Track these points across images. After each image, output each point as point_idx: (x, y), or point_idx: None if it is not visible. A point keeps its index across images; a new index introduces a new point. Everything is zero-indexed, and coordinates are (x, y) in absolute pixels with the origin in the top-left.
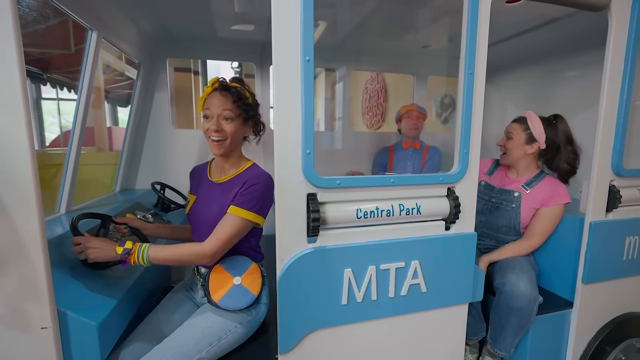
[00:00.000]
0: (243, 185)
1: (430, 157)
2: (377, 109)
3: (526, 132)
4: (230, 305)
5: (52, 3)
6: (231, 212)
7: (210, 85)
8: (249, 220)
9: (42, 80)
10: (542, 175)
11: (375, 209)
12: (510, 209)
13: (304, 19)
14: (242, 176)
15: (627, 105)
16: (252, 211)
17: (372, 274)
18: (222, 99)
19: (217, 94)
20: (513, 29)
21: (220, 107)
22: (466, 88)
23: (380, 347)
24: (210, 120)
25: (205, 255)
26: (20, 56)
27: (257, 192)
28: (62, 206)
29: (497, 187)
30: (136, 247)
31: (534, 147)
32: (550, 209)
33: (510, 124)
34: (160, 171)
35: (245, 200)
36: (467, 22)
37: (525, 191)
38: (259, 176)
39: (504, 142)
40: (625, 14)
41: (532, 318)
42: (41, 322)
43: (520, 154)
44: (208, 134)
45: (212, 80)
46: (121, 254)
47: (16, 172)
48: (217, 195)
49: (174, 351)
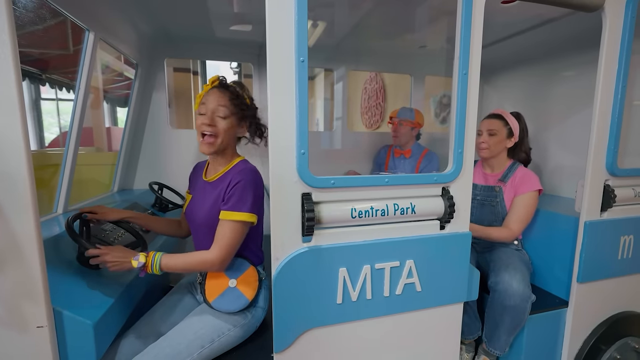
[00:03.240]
0: (228, 185)
1: (425, 165)
2: (375, 108)
3: (506, 127)
4: (224, 307)
5: (48, 4)
6: (223, 217)
7: (210, 83)
8: (242, 220)
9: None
10: (515, 165)
11: (369, 209)
12: (495, 204)
13: (298, 20)
14: (228, 174)
15: (621, 105)
16: (242, 211)
17: (367, 273)
18: (219, 95)
19: (215, 90)
20: (509, 29)
21: (216, 102)
22: (460, 88)
23: (376, 346)
24: (204, 116)
25: (213, 264)
26: (15, 57)
27: (241, 189)
28: (59, 206)
29: (479, 185)
30: (149, 260)
31: (512, 140)
32: (523, 196)
33: (490, 120)
34: (158, 171)
35: (232, 203)
36: (461, 23)
37: (503, 184)
38: (241, 172)
39: (486, 139)
40: (619, 15)
41: (525, 316)
42: (37, 321)
43: (502, 148)
44: (200, 129)
45: (213, 78)
46: (136, 267)
47: (12, 172)
48: (208, 195)
49: (167, 351)
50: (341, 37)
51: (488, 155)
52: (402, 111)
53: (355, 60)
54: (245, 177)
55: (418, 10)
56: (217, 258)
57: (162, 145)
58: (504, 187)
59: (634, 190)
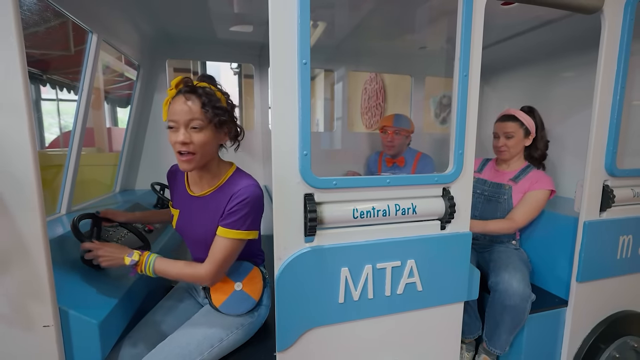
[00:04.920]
0: (230, 201)
1: (419, 171)
2: (376, 109)
3: (522, 127)
4: (232, 311)
5: (53, 6)
6: (221, 234)
7: (173, 86)
8: (241, 239)
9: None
10: (529, 168)
11: (371, 209)
12: (502, 201)
13: (300, 22)
14: (226, 187)
15: (620, 106)
16: (243, 229)
17: (369, 272)
18: (188, 105)
19: (181, 98)
20: (509, 31)
21: (187, 114)
22: (461, 90)
23: (377, 345)
24: (176, 131)
25: (204, 279)
26: (22, 58)
27: (246, 208)
28: (62, 207)
29: (489, 181)
30: (143, 259)
31: (530, 138)
32: (534, 192)
33: (505, 123)
34: (160, 172)
35: (234, 220)
36: (462, 25)
37: (514, 184)
38: (246, 188)
39: (505, 142)
40: (617, 16)
41: (525, 315)
42: (43, 321)
43: (520, 148)
44: (175, 148)
45: (176, 80)
46: (128, 264)
47: (18, 173)
48: (203, 211)
49: (177, 351)
50: (341, 38)
51: (509, 157)
52: (398, 119)
53: (356, 61)
54: (250, 194)
55: (418, 11)
56: (209, 274)
57: (164, 145)
58: (514, 187)
59: (633, 191)
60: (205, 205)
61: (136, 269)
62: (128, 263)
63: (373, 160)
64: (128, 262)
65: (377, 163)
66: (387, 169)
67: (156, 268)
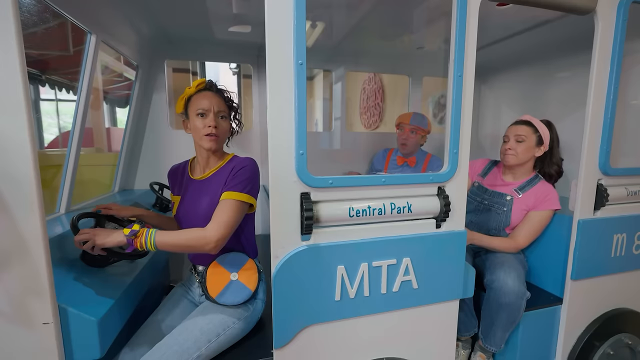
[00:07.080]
0: (231, 172)
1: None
2: (374, 109)
3: (536, 134)
4: (229, 301)
5: (52, 7)
6: (225, 197)
7: (195, 86)
8: (244, 201)
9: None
10: (536, 179)
11: (367, 208)
12: (501, 212)
13: (296, 23)
14: (227, 166)
15: (613, 105)
16: (245, 192)
17: (365, 270)
18: (217, 98)
19: (209, 93)
20: (505, 31)
21: (217, 105)
22: (455, 90)
23: (373, 342)
24: (207, 117)
25: (209, 240)
26: (22, 59)
27: (246, 173)
28: (62, 206)
29: (490, 190)
30: (143, 230)
31: (541, 149)
32: (540, 212)
33: (518, 126)
34: (159, 171)
35: (237, 183)
36: (456, 25)
37: (517, 195)
38: (245, 160)
39: (514, 146)
40: (610, 17)
41: (520, 313)
42: (43, 318)
43: (529, 156)
44: (205, 131)
45: (200, 81)
46: (128, 235)
47: (18, 172)
48: (205, 190)
49: (175, 348)
50: (340, 38)
51: (514, 162)
52: (416, 118)
53: (354, 61)
54: (249, 164)
55: (415, 11)
56: (214, 235)
57: (163, 145)
58: (515, 199)
59: (627, 189)
60: (206, 185)
61: (135, 244)
62: (127, 233)
63: (381, 156)
64: (127, 232)
65: (385, 160)
66: (396, 167)
67: (157, 239)
